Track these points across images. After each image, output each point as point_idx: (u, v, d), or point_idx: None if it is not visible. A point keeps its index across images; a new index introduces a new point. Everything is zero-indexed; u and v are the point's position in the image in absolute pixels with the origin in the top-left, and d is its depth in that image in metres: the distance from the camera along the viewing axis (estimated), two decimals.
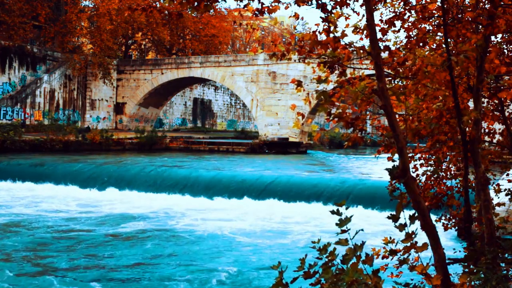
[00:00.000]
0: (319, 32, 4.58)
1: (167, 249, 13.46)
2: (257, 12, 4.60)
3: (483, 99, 6.85)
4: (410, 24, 6.45)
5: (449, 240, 12.62)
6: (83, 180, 22.94)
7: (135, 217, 17.33)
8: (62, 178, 23.13)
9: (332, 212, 3.63)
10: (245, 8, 4.65)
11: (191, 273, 11.27)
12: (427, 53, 5.90)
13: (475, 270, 4.37)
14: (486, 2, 5.75)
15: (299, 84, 4.73)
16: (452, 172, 8.11)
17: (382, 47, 4.73)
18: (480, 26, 5.37)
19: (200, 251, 13.30)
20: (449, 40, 5.37)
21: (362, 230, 3.72)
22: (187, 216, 17.55)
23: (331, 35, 4.46)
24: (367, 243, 3.73)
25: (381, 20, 6.40)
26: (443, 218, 8.01)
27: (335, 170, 30.42)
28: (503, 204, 7.91)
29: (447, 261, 4.24)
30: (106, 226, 15.82)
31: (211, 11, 50.44)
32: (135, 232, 15.25)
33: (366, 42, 5.05)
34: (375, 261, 3.76)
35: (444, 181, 7.95)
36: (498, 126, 8.28)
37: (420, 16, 6.06)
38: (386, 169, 4.22)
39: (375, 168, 29.47)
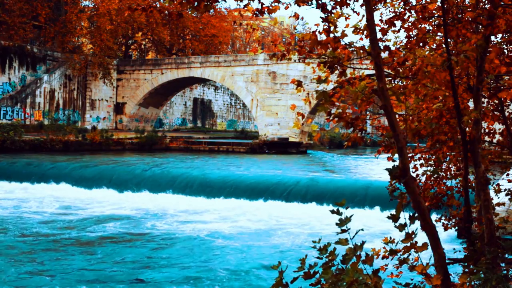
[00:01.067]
0: (319, 32, 4.58)
1: (166, 249, 13.46)
2: (257, 12, 4.60)
3: (483, 99, 6.85)
4: (410, 24, 6.45)
5: (449, 240, 12.61)
6: (86, 180, 22.96)
7: (134, 217, 17.33)
8: (59, 177, 23.15)
9: (332, 212, 3.63)
10: (245, 8, 4.65)
11: (191, 273, 11.27)
12: (427, 53, 5.90)
13: (475, 270, 4.37)
14: (486, 2, 5.75)
15: (299, 84, 4.73)
16: (452, 172, 8.12)
17: (382, 47, 4.73)
18: (480, 26, 5.37)
19: (200, 251, 13.30)
20: (449, 40, 5.37)
21: (362, 230, 3.72)
22: (187, 216, 17.55)
23: (331, 35, 4.46)
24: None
25: (381, 20, 6.40)
26: (443, 218, 8.01)
27: (336, 170, 30.42)
28: (503, 204, 7.92)
29: (447, 261, 4.25)
30: (106, 226, 15.82)
31: (211, 11, 50.49)
32: (134, 232, 15.25)
33: (366, 42, 5.05)
34: (375, 261, 3.76)
35: (444, 181, 7.96)
36: (498, 126, 8.28)
37: (420, 16, 6.06)
38: (386, 169, 4.23)
39: (378, 168, 29.46)
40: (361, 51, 4.59)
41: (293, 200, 19.51)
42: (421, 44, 6.09)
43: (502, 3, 5.20)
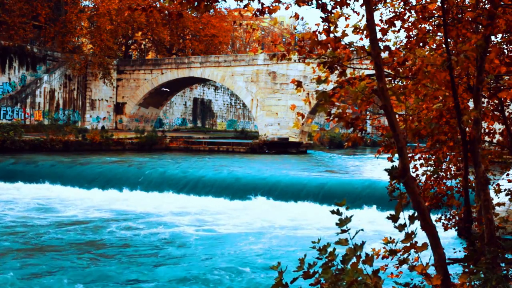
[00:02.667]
0: (319, 32, 4.58)
1: (165, 248, 13.46)
2: (257, 13, 4.60)
3: (483, 99, 6.85)
4: (410, 24, 6.45)
5: (449, 240, 12.61)
6: (87, 180, 22.97)
7: (134, 217, 17.33)
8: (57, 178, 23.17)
9: (332, 212, 3.63)
10: (245, 8, 4.65)
11: (191, 273, 11.26)
12: (427, 53, 5.90)
13: (475, 270, 4.37)
14: (486, 2, 5.75)
15: (299, 84, 4.73)
16: (452, 172, 8.12)
17: (382, 47, 4.73)
18: (480, 26, 5.37)
19: (200, 251, 13.30)
20: (449, 40, 5.37)
21: (362, 230, 3.72)
22: (188, 216, 17.55)
23: (331, 35, 4.46)
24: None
25: (381, 20, 6.40)
26: (443, 218, 8.01)
27: (336, 170, 30.42)
28: (503, 204, 7.91)
29: (447, 261, 4.24)
30: (106, 226, 15.82)
31: (211, 11, 50.48)
32: (133, 232, 15.25)
33: (366, 42, 5.05)
34: (375, 261, 3.76)
35: (444, 181, 7.96)
36: (498, 126, 8.28)
37: (420, 16, 6.06)
38: (385, 169, 4.23)
39: (378, 168, 29.45)
40: (361, 51, 4.59)
41: (293, 200, 19.51)
42: (421, 44, 6.09)
43: (502, 3, 5.20)
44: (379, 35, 5.53)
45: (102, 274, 11.15)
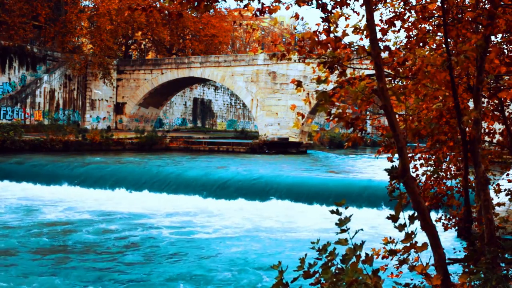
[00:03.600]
0: (319, 32, 4.58)
1: (165, 248, 13.46)
2: (257, 12, 4.60)
3: (483, 99, 6.85)
4: (410, 24, 6.45)
5: (449, 240, 12.62)
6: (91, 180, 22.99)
7: (133, 217, 17.33)
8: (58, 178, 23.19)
9: (332, 212, 3.63)
10: (246, 8, 4.65)
11: (191, 273, 11.26)
12: (427, 53, 5.90)
13: (475, 270, 4.37)
14: (486, 2, 5.75)
15: (299, 84, 4.73)
16: (452, 172, 8.12)
17: (382, 47, 4.73)
18: (480, 26, 5.37)
19: (200, 251, 13.30)
20: (449, 40, 5.37)
21: (362, 229, 3.72)
22: (188, 216, 17.55)
23: (331, 35, 4.46)
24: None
25: (381, 20, 6.40)
26: (443, 218, 8.01)
27: (336, 170, 30.42)
28: (503, 204, 7.92)
29: (447, 261, 4.25)
30: (106, 226, 15.82)
31: (211, 11, 50.48)
32: (133, 232, 15.24)
33: (366, 42, 5.05)
34: (375, 261, 3.76)
35: (444, 181, 7.96)
36: (498, 126, 8.28)
37: (420, 16, 6.06)
38: (385, 169, 4.23)
39: (378, 168, 29.45)
40: (361, 51, 4.59)
41: (292, 200, 19.51)
42: (421, 44, 6.09)
43: (502, 3, 5.21)
44: (379, 35, 5.54)
45: (102, 274, 11.15)
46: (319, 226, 15.65)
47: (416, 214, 3.99)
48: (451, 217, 7.94)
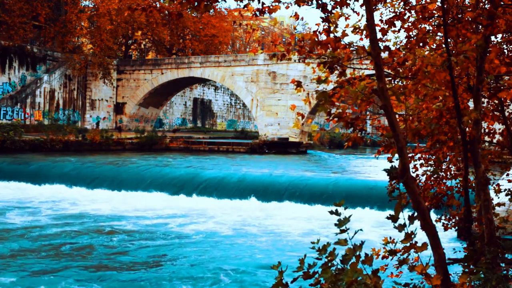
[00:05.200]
0: (319, 32, 4.58)
1: (165, 248, 13.45)
2: (257, 12, 4.60)
3: (483, 99, 6.85)
4: (410, 24, 6.44)
5: (449, 240, 12.61)
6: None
7: (133, 217, 17.33)
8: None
9: (331, 212, 3.63)
10: (245, 8, 4.65)
11: (191, 273, 11.26)
12: (427, 53, 5.89)
13: (475, 270, 4.37)
14: (486, 2, 5.75)
15: (298, 84, 4.73)
16: (452, 172, 8.11)
17: (382, 47, 4.73)
18: (480, 26, 5.37)
19: (200, 251, 13.29)
20: (449, 40, 5.37)
21: (361, 230, 3.72)
22: (188, 217, 17.55)
23: (331, 35, 4.46)
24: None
25: (381, 20, 6.40)
26: (443, 218, 8.01)
27: (336, 170, 30.41)
28: (503, 204, 7.91)
29: (447, 261, 4.24)
30: (105, 226, 15.82)
31: (211, 11, 50.47)
32: (132, 232, 15.24)
33: (366, 42, 5.05)
34: (375, 261, 3.76)
35: (444, 181, 7.95)
36: (498, 126, 8.27)
37: (420, 16, 6.06)
38: (384, 169, 4.23)
39: (378, 168, 29.45)
40: (361, 51, 4.59)
41: (292, 200, 19.51)
42: (421, 44, 6.08)
43: (502, 3, 5.20)
44: (379, 35, 5.53)
45: (102, 274, 11.15)
46: (317, 226, 15.66)
47: (416, 214, 3.99)
48: (451, 217, 7.93)
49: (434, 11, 5.98)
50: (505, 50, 6.89)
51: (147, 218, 17.19)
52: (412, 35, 6.44)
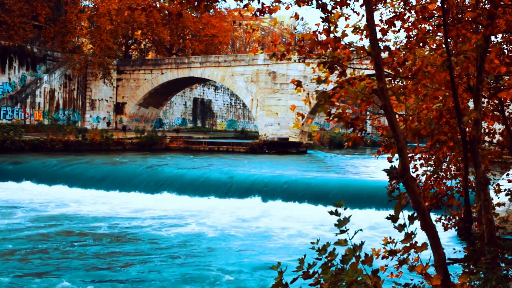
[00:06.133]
0: (319, 32, 4.57)
1: (165, 248, 13.45)
2: (257, 12, 4.60)
3: (483, 99, 6.85)
4: (410, 24, 6.44)
5: (449, 240, 12.61)
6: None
7: (133, 217, 17.33)
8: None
9: (331, 212, 3.62)
10: (245, 8, 4.65)
11: (190, 273, 11.26)
12: (427, 53, 5.89)
13: (475, 270, 4.37)
14: (486, 2, 5.75)
15: (298, 84, 4.73)
16: (452, 172, 8.11)
17: (382, 47, 4.73)
18: (480, 26, 5.37)
19: (200, 251, 13.29)
20: (449, 40, 5.37)
21: (361, 230, 3.71)
22: (188, 217, 17.54)
23: (331, 35, 4.46)
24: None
25: (381, 20, 6.39)
26: (443, 218, 8.00)
27: (336, 170, 30.41)
28: (503, 204, 7.91)
29: (447, 261, 4.24)
30: (105, 226, 15.82)
31: (211, 11, 50.46)
32: (132, 232, 15.24)
33: (366, 42, 5.04)
34: (375, 262, 3.76)
35: (444, 181, 7.95)
36: (498, 126, 8.27)
37: (420, 16, 6.05)
38: (384, 170, 4.23)
39: (378, 168, 29.46)
40: (361, 51, 4.59)
41: (292, 200, 19.51)
42: (421, 44, 6.08)
43: (502, 3, 5.20)
44: (379, 35, 5.53)
45: (102, 274, 11.15)
46: (315, 226, 15.65)
47: (416, 214, 3.99)
48: (451, 217, 7.93)
49: (434, 11, 5.98)
50: (505, 50, 6.89)
51: (141, 218, 17.19)
52: (412, 35, 6.43)
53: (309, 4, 4.45)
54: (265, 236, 14.95)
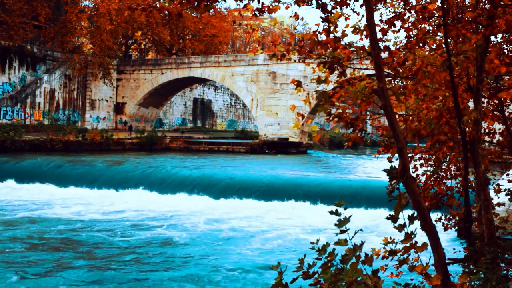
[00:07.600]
0: (319, 32, 4.57)
1: (166, 248, 13.45)
2: (257, 12, 4.60)
3: (483, 99, 6.85)
4: (410, 24, 6.44)
5: (449, 240, 12.61)
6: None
7: (133, 217, 17.33)
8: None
9: (331, 212, 3.62)
10: (245, 8, 4.65)
11: (191, 273, 11.26)
12: (427, 53, 5.89)
13: (475, 270, 4.37)
14: (486, 2, 5.75)
15: (298, 84, 4.72)
16: (452, 172, 8.11)
17: (382, 47, 4.73)
18: (480, 26, 5.36)
19: (200, 251, 13.29)
20: (449, 40, 5.37)
21: (361, 230, 3.71)
22: (189, 217, 17.54)
23: (331, 35, 4.46)
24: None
25: (381, 20, 6.39)
26: (443, 218, 8.00)
27: (336, 170, 30.40)
28: (503, 204, 7.91)
29: (447, 261, 4.24)
30: (105, 225, 15.82)
31: (211, 11, 50.46)
32: (132, 232, 15.24)
33: (366, 42, 5.04)
34: (375, 262, 3.76)
35: (444, 181, 7.94)
36: (498, 126, 8.27)
37: (420, 16, 6.05)
38: (384, 170, 4.22)
39: (378, 168, 29.46)
40: (361, 51, 4.59)
41: (292, 200, 19.50)
42: (421, 44, 6.08)
43: (502, 3, 5.20)
44: (379, 35, 5.53)
45: (103, 274, 11.15)
46: (314, 226, 15.65)
47: (416, 214, 3.99)
48: (451, 217, 7.93)
49: (434, 11, 5.98)
50: (505, 50, 6.89)
51: (144, 218, 17.19)
52: (412, 35, 6.44)
53: (309, 4, 4.45)
54: (265, 236, 14.94)
